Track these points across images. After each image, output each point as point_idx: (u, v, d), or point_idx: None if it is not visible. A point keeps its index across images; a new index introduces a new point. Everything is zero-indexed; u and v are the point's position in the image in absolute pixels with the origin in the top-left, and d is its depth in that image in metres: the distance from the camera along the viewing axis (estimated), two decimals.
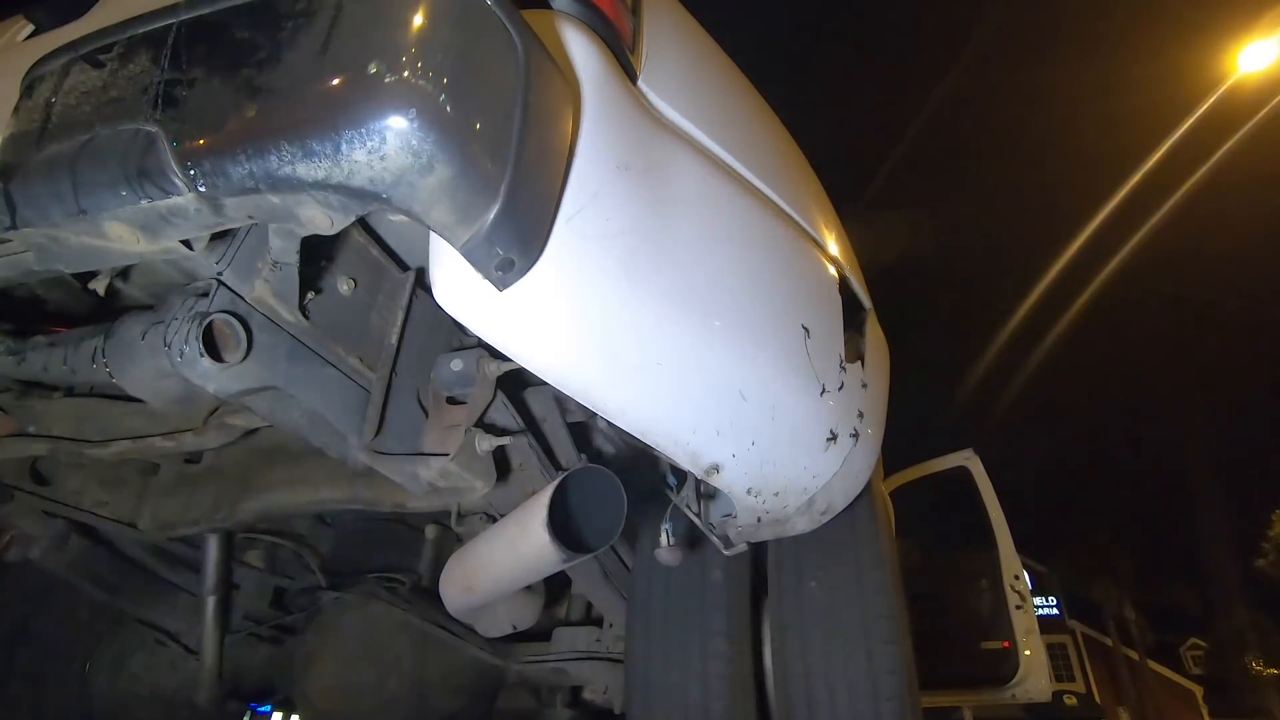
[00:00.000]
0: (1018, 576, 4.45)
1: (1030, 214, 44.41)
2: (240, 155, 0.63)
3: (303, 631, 2.28)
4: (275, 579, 2.25)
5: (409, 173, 0.63)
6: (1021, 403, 36.77)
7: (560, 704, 2.32)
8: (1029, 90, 44.07)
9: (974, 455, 4.80)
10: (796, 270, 1.21)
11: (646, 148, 0.94)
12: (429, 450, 1.06)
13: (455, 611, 1.41)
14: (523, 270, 0.77)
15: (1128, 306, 37.09)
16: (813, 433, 1.18)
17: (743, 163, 1.15)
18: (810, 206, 1.36)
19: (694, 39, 1.25)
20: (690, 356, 0.96)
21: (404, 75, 0.61)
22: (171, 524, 1.58)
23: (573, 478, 1.10)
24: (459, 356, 1.11)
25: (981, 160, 50.44)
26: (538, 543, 1.05)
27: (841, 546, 1.54)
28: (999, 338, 31.84)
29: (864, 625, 1.44)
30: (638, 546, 1.73)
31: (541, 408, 1.32)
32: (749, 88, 1.42)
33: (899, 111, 48.08)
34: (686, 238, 0.96)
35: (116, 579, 1.94)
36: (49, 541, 1.71)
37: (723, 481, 1.13)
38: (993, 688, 4.45)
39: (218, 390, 0.88)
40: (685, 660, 1.51)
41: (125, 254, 0.76)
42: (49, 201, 0.70)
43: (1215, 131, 20.22)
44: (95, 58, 0.74)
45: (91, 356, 1.00)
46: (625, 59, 0.98)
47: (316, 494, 1.43)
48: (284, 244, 0.87)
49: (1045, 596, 21.15)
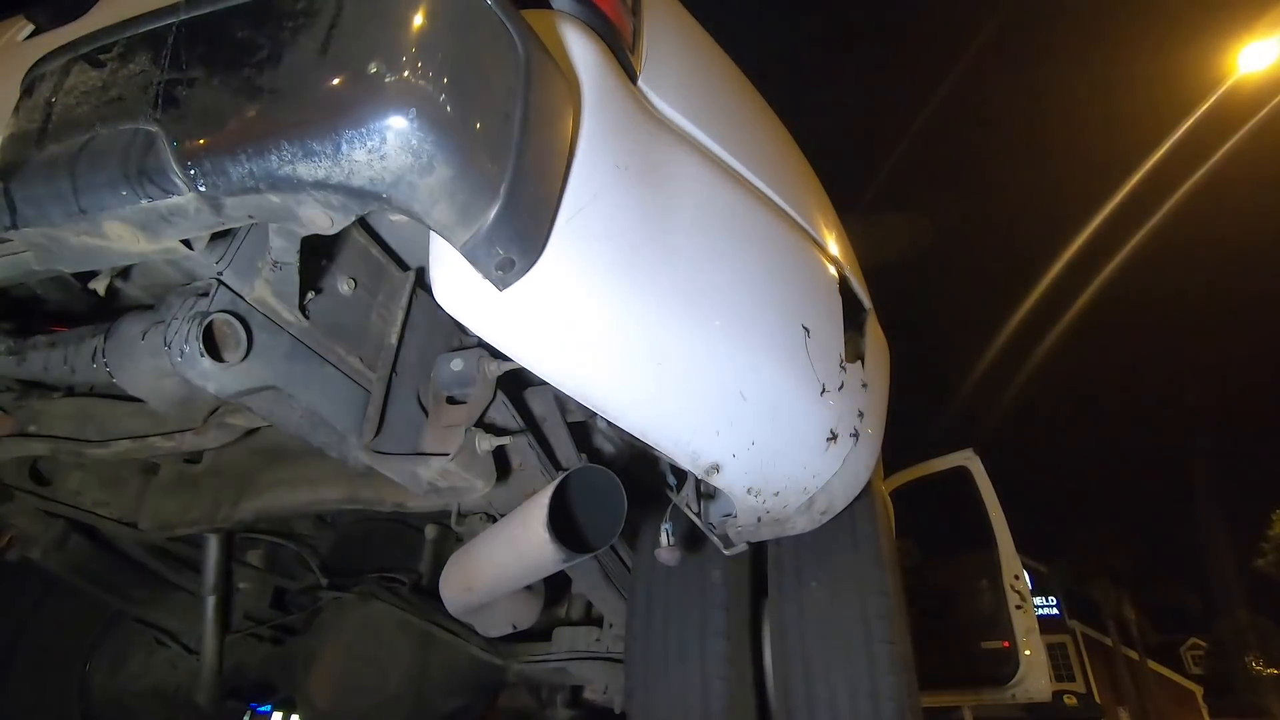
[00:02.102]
0: (1018, 576, 4.45)
1: (1030, 213, 44.37)
2: (240, 155, 0.63)
3: (303, 631, 2.29)
4: (275, 579, 2.25)
5: (409, 172, 0.62)
6: (1021, 403, 36.72)
7: (560, 704, 2.32)
8: (1029, 90, 44.03)
9: (974, 455, 4.80)
10: (797, 270, 1.21)
11: (646, 148, 0.94)
12: (429, 450, 1.06)
13: (455, 611, 1.41)
14: (523, 270, 0.77)
15: (1128, 306, 37.06)
16: (813, 432, 1.18)
17: (743, 162, 1.15)
18: (810, 206, 1.36)
19: (694, 39, 1.25)
20: (690, 356, 0.96)
21: (404, 75, 0.61)
22: (171, 524, 1.58)
23: (573, 477, 1.09)
24: (459, 356, 1.11)
25: (981, 160, 50.38)
26: (538, 543, 1.04)
27: (842, 546, 1.54)
28: (999, 338, 31.82)
29: (864, 625, 1.43)
30: (638, 546, 1.73)
31: (541, 408, 1.32)
32: (749, 87, 1.42)
33: (899, 111, 48.04)
34: (686, 238, 0.96)
35: (116, 579, 1.94)
36: (49, 541, 1.71)
37: (723, 481, 1.13)
38: (993, 688, 4.45)
39: (218, 390, 0.88)
40: (685, 660, 1.51)
41: (125, 254, 0.76)
42: (49, 201, 0.70)
43: (1215, 131, 20.23)
44: (95, 58, 0.74)
45: (91, 356, 1.00)
46: (625, 59, 0.98)
47: (316, 494, 1.43)
48: (284, 244, 0.87)
49: (1045, 596, 21.18)
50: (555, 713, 2.32)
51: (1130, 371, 41.72)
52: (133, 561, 1.97)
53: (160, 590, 2.05)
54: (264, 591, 2.22)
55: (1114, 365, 41.74)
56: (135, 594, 2.01)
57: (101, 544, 1.86)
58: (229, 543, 1.98)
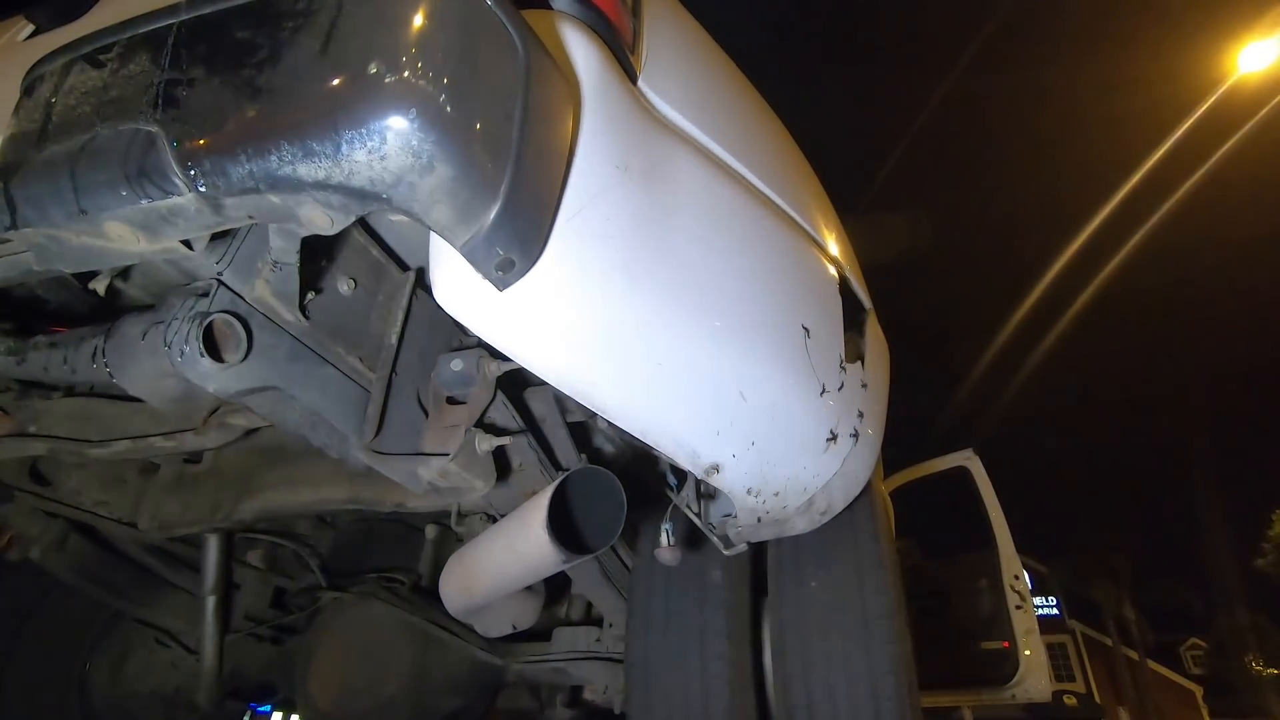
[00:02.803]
0: (1018, 576, 4.45)
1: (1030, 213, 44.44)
2: (240, 155, 0.63)
3: (303, 631, 2.28)
4: (275, 579, 2.25)
5: (409, 173, 0.63)
6: (1021, 403, 36.76)
7: (560, 704, 2.32)
8: (1030, 90, 44.08)
9: (974, 455, 4.81)
10: (797, 270, 1.21)
11: (647, 148, 0.94)
12: (429, 450, 1.06)
13: (455, 611, 1.41)
14: (523, 270, 0.77)
15: (1128, 306, 37.10)
16: (812, 433, 1.18)
17: (743, 163, 1.15)
18: (810, 206, 1.36)
19: (694, 39, 1.25)
20: (690, 357, 0.96)
21: (404, 75, 0.61)
22: (171, 524, 1.58)
23: (573, 478, 1.09)
24: (459, 356, 1.11)
25: (981, 160, 50.44)
26: (538, 543, 1.04)
27: (841, 546, 1.54)
28: (999, 337, 31.85)
29: (864, 625, 1.43)
30: (638, 546, 1.73)
31: (541, 408, 1.32)
32: (749, 88, 1.42)
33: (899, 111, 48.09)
34: (686, 238, 0.96)
35: (116, 579, 1.94)
36: (49, 541, 1.71)
37: (722, 481, 1.13)
38: (993, 688, 4.45)
39: (218, 390, 0.88)
40: (685, 660, 1.51)
41: (125, 254, 0.76)
42: (49, 201, 0.70)
43: (1215, 132, 20.25)
44: (95, 58, 0.74)
45: (91, 356, 1.00)
46: (625, 59, 0.98)
47: (316, 494, 1.43)
48: (284, 244, 0.87)
49: (1045, 596, 21.18)
50: (555, 713, 2.32)
51: (1130, 371, 41.78)
52: (133, 561, 1.96)
53: (160, 590, 2.05)
54: (264, 591, 2.22)
55: (1114, 365, 41.79)
56: (135, 594, 2.01)
57: (101, 544, 1.86)
58: (229, 543, 1.98)
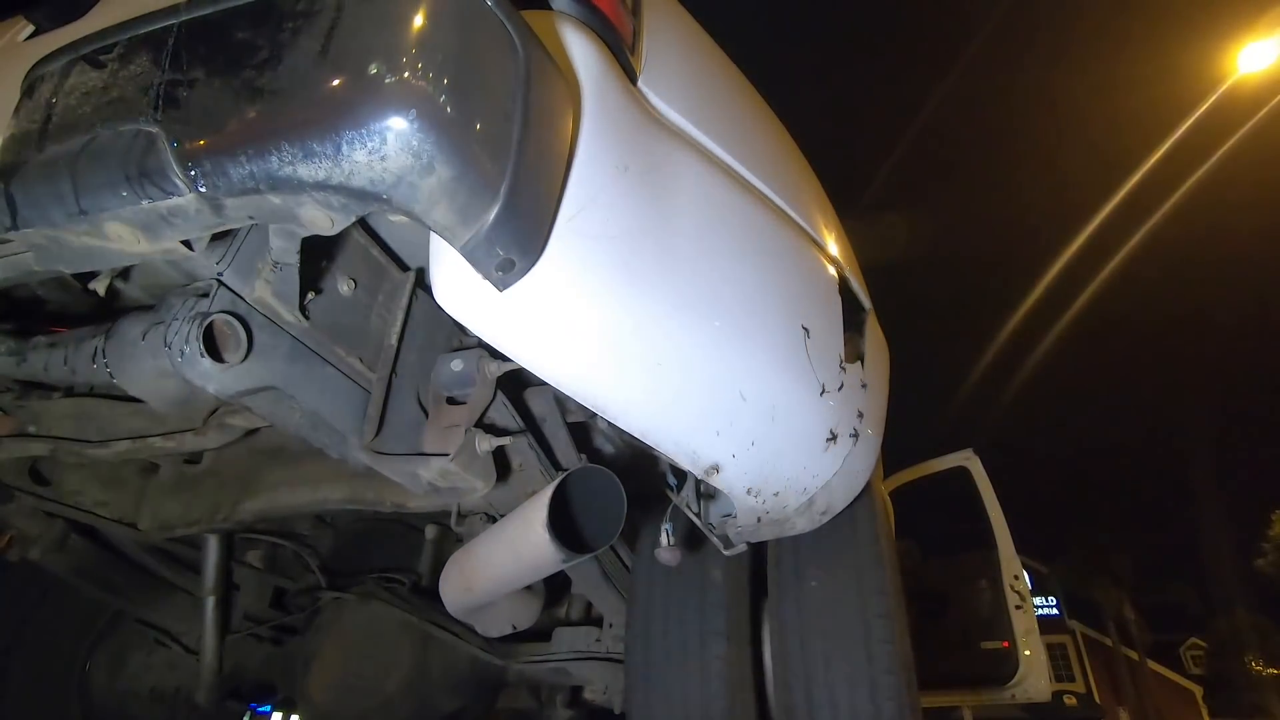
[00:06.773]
0: (1017, 576, 4.45)
1: (1030, 214, 44.42)
2: (241, 156, 0.63)
3: (303, 631, 2.28)
4: (275, 579, 2.25)
5: (409, 173, 0.63)
6: (1021, 403, 36.75)
7: (560, 704, 2.32)
8: (1029, 90, 44.07)
9: (974, 455, 4.80)
10: (796, 271, 1.21)
11: (646, 148, 0.94)
12: (429, 450, 1.06)
13: (455, 611, 1.41)
14: (523, 271, 0.77)
15: (1127, 306, 37.09)
16: (812, 433, 1.18)
17: (743, 163, 1.15)
18: (810, 207, 1.36)
19: (694, 39, 1.25)
20: (690, 357, 0.96)
21: (404, 76, 0.61)
22: (171, 524, 1.58)
23: (573, 478, 1.09)
24: (459, 356, 1.11)
25: (981, 160, 50.43)
26: (538, 543, 1.05)
27: (841, 546, 1.54)
28: (999, 338, 31.85)
29: (864, 625, 1.43)
30: (638, 546, 1.73)
31: (541, 408, 1.32)
32: (749, 88, 1.42)
33: (899, 111, 48.07)
34: (686, 238, 0.96)
35: (116, 579, 1.94)
36: (49, 541, 1.71)
37: (722, 481, 1.13)
38: (992, 688, 4.45)
39: (218, 390, 0.88)
40: (685, 660, 1.51)
41: (125, 254, 0.76)
42: (49, 202, 0.70)
43: (1215, 132, 20.26)
44: (96, 58, 0.74)
45: (91, 356, 1.00)
46: (625, 60, 0.98)
47: (316, 494, 1.43)
48: (284, 244, 0.87)
49: (1045, 596, 21.18)
50: (555, 713, 2.32)
51: (1130, 371, 41.79)
52: (133, 561, 1.97)
53: (160, 590, 2.05)
54: (264, 591, 2.23)
55: (1114, 365, 41.80)
56: (135, 594, 2.01)
57: (101, 544, 1.86)
58: (229, 543, 1.98)
